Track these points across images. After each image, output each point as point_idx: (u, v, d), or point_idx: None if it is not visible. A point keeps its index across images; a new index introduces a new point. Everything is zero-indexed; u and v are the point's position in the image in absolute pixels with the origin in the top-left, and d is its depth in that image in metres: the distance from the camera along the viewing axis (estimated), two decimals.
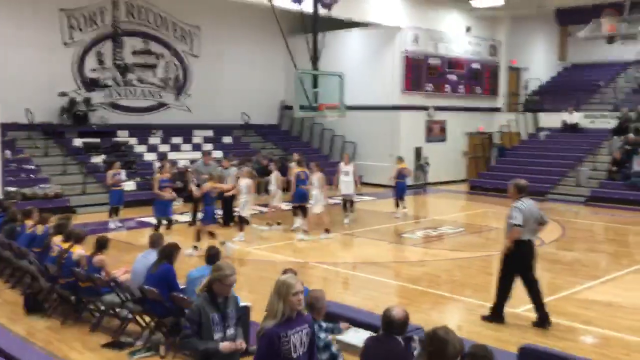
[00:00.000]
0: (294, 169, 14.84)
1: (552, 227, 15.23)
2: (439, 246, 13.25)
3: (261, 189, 18.79)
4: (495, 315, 7.97)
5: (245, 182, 13.24)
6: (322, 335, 4.67)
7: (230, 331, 4.69)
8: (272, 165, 15.89)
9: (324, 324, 5.27)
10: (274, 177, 15.03)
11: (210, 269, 6.63)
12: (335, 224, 15.86)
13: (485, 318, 8.00)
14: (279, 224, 14.66)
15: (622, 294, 9.50)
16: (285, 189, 15.57)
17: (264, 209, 15.74)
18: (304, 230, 13.83)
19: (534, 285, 7.88)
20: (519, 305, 8.75)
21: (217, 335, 4.58)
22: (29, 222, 9.47)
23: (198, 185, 13.49)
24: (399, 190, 16.73)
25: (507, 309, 8.56)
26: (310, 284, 8.40)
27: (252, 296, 8.48)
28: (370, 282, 10.05)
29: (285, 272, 6.45)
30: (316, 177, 13.88)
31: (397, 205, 16.76)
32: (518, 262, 7.88)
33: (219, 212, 14.27)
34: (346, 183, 15.52)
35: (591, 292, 9.63)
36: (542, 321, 7.78)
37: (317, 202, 13.91)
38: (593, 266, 11.50)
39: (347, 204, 15.75)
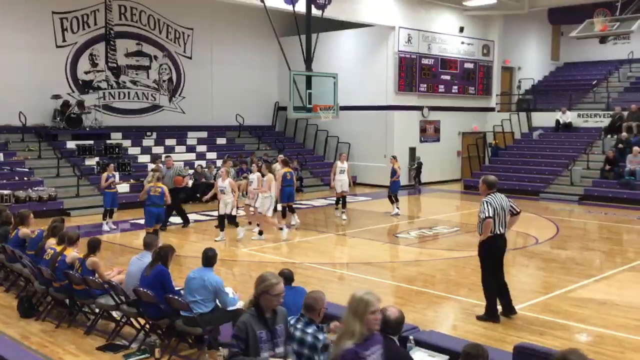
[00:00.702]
0: (282, 170, 14.83)
1: (546, 226, 15.33)
2: (434, 246, 13.28)
3: None
4: (491, 314, 7.98)
5: (227, 182, 13.26)
6: (321, 336, 4.66)
7: (280, 349, 4.44)
8: (254, 166, 15.50)
9: (322, 325, 5.27)
10: (256, 178, 14.09)
11: (206, 271, 6.68)
12: (331, 225, 15.89)
13: (480, 318, 8.02)
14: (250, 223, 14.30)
15: (616, 292, 9.54)
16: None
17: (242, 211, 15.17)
18: (293, 226, 14.44)
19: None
20: (514, 304, 8.77)
21: (266, 354, 4.33)
22: (23, 229, 9.40)
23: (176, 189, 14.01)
24: (394, 189, 16.75)
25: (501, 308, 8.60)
26: (306, 284, 8.39)
27: (248, 297, 8.47)
28: (365, 282, 10.04)
29: (281, 272, 6.45)
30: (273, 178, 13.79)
31: (392, 203, 16.77)
32: (494, 255, 7.97)
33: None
34: (342, 181, 16.14)
35: (585, 290, 9.66)
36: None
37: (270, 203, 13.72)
38: (587, 264, 11.54)
39: (341, 200, 16.32)
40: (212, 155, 21.90)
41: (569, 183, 20.52)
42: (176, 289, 6.96)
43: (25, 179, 17.12)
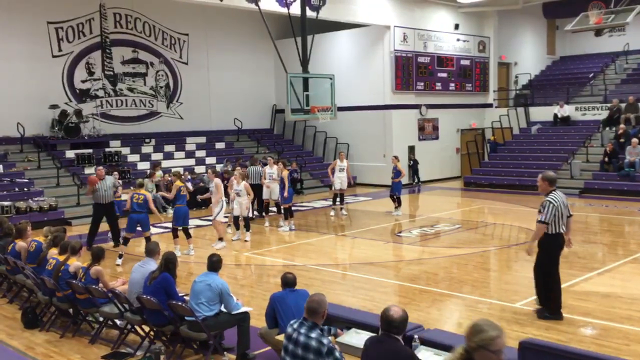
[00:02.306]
0: (283, 171, 14.91)
1: None
2: (436, 244, 13.27)
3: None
4: (557, 312, 7.89)
5: (242, 185, 13.31)
6: (325, 340, 4.66)
7: None
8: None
9: (325, 328, 5.27)
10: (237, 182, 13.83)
11: (212, 275, 6.68)
12: (329, 226, 15.88)
13: (543, 317, 7.88)
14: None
15: (620, 285, 9.54)
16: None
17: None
18: (291, 228, 14.72)
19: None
20: (518, 299, 8.79)
21: None
22: (19, 243, 9.38)
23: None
24: (397, 189, 16.74)
25: (505, 304, 8.61)
26: (309, 286, 8.40)
27: (252, 301, 8.48)
28: (368, 282, 10.05)
29: (284, 276, 6.46)
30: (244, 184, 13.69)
31: (396, 203, 16.77)
32: (557, 253, 7.92)
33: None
34: (341, 179, 16.51)
35: (588, 283, 9.67)
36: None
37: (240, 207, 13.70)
38: (589, 258, 11.53)
39: (339, 197, 16.77)
40: (211, 160, 21.91)
41: (568, 177, 20.53)
42: (180, 294, 6.97)
43: (25, 189, 17.12)
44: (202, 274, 6.80)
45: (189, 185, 17.53)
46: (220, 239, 13.10)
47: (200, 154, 22.16)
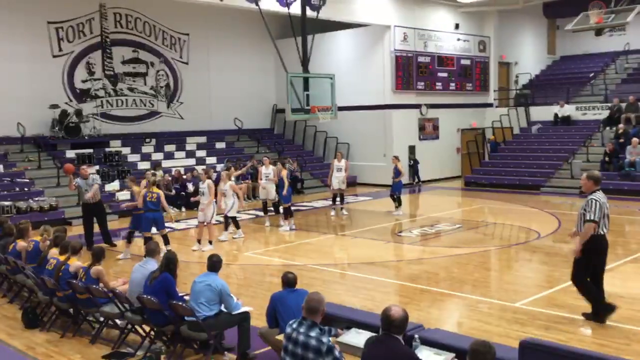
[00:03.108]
0: (282, 171, 14.93)
1: (548, 220, 15.33)
2: (437, 243, 13.27)
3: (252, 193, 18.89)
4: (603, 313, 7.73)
5: (227, 185, 13.27)
6: (325, 339, 4.65)
7: None
8: (232, 169, 15.11)
9: (325, 328, 5.26)
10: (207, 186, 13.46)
11: (212, 275, 6.68)
12: (329, 225, 15.89)
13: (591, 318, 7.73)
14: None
15: (620, 284, 9.52)
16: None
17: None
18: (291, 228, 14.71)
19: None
20: (518, 299, 8.78)
21: None
22: (20, 243, 9.39)
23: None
24: (397, 189, 16.76)
25: (506, 304, 8.61)
26: (310, 286, 8.40)
27: (253, 301, 8.48)
28: (369, 282, 10.05)
29: (286, 275, 6.45)
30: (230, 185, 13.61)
31: (396, 203, 16.78)
32: (603, 255, 7.64)
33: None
34: (339, 178, 16.52)
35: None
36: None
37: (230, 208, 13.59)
38: None
39: (338, 197, 16.82)
40: (211, 159, 21.91)
41: (569, 176, 20.51)
42: (180, 294, 6.97)
43: (26, 189, 17.12)
44: (202, 275, 6.81)
45: (193, 185, 17.52)
46: (210, 242, 12.93)
47: (201, 153, 22.16)
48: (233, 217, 13.72)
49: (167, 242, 12.06)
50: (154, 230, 12.29)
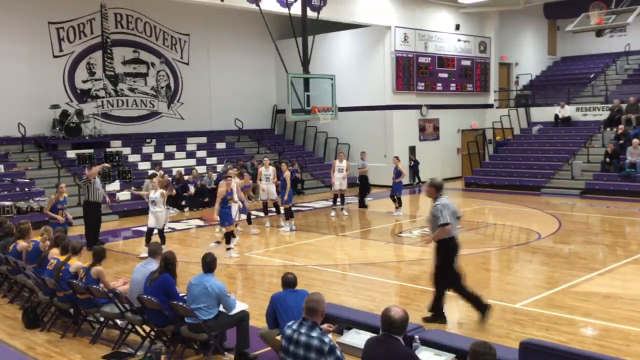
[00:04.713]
0: (286, 172, 14.94)
1: (548, 221, 15.33)
2: None
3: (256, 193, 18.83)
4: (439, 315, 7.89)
5: (158, 193, 12.42)
6: (327, 339, 4.66)
7: None
8: (232, 171, 14.79)
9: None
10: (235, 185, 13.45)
11: (208, 277, 6.67)
12: (330, 226, 15.88)
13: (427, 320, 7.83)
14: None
15: (620, 285, 9.53)
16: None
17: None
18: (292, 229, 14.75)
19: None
20: (518, 300, 8.78)
21: None
22: (21, 243, 9.39)
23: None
24: (397, 189, 16.77)
25: (506, 304, 8.60)
26: (310, 287, 8.40)
27: (253, 301, 8.48)
28: (369, 283, 10.05)
29: (286, 275, 6.46)
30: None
31: (396, 203, 16.79)
32: (454, 256, 7.92)
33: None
34: (340, 179, 16.67)
35: (589, 284, 9.66)
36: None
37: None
38: (590, 258, 11.53)
39: (340, 198, 16.95)
40: (212, 160, 21.92)
41: (569, 177, 20.52)
42: (180, 294, 6.96)
43: (26, 189, 17.13)
44: (198, 276, 6.72)
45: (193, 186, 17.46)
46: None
47: (201, 154, 22.16)
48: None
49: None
50: (152, 231, 12.30)
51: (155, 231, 12.32)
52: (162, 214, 12.33)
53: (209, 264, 6.73)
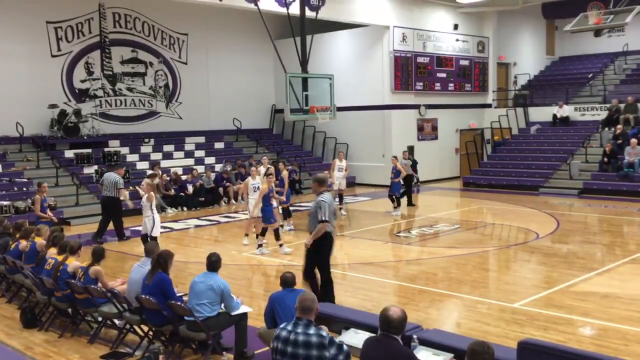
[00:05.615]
0: (283, 171, 14.89)
1: (546, 221, 15.34)
2: (435, 244, 13.27)
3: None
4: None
5: (145, 197, 12.14)
6: (324, 333, 4.66)
7: None
8: (253, 169, 14.62)
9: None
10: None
11: (212, 275, 6.66)
12: None
13: None
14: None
15: (618, 285, 9.54)
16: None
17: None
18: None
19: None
20: (517, 300, 8.79)
21: None
22: (23, 242, 9.38)
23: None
24: (396, 189, 16.78)
25: (504, 304, 8.61)
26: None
27: (252, 301, 8.48)
28: (368, 283, 10.05)
29: (285, 275, 6.45)
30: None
31: (393, 202, 16.80)
32: (329, 251, 8.22)
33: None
34: (339, 178, 16.72)
35: (587, 284, 9.67)
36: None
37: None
38: (588, 258, 11.54)
39: (338, 197, 16.89)
40: (210, 160, 21.91)
41: (568, 177, 20.54)
42: (179, 294, 6.96)
43: (25, 189, 17.10)
44: (202, 274, 6.76)
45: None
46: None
47: (200, 153, 22.15)
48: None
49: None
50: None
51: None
52: (149, 220, 11.93)
53: (213, 263, 6.75)
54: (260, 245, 12.46)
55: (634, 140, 19.46)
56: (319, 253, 8.12)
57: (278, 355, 4.69)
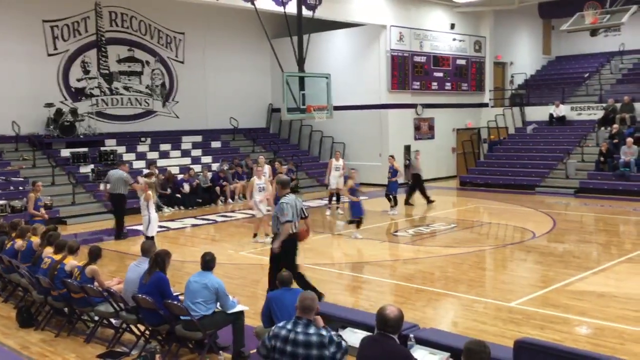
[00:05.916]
0: (280, 169, 14.91)
1: (542, 220, 15.37)
2: (432, 243, 13.28)
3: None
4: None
5: (144, 197, 12.21)
6: (324, 332, 4.67)
7: None
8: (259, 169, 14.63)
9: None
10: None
11: (207, 274, 6.66)
12: (325, 225, 15.89)
13: None
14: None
15: (614, 284, 9.57)
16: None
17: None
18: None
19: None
20: (513, 299, 8.80)
21: None
22: (19, 241, 9.37)
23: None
24: (393, 188, 16.80)
25: (501, 303, 8.63)
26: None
27: (249, 300, 8.47)
28: (365, 282, 10.06)
29: (282, 274, 6.45)
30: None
31: (390, 201, 16.81)
32: (295, 252, 8.36)
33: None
34: (337, 177, 16.84)
35: (583, 283, 9.69)
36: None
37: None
38: (584, 257, 11.57)
39: (335, 197, 17.17)
40: (207, 159, 21.89)
41: (564, 176, 20.58)
42: (175, 294, 6.96)
43: (21, 188, 17.06)
44: (197, 274, 6.76)
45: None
46: (266, 235, 13.04)
47: (196, 152, 22.13)
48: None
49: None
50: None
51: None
52: (145, 219, 12.00)
53: (207, 262, 6.75)
54: (267, 235, 12.73)
55: (630, 140, 19.51)
56: (285, 253, 8.22)
57: (277, 353, 4.69)
